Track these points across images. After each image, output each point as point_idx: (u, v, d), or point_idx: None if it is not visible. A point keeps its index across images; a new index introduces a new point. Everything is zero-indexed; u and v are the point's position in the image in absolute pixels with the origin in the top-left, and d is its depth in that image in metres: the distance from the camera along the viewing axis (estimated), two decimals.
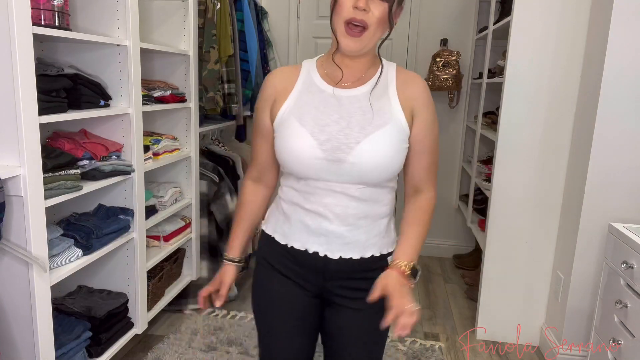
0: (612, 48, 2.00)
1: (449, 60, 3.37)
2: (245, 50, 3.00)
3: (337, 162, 1.07)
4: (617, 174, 2.09)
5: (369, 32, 1.04)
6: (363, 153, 1.06)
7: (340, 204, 1.11)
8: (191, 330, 2.50)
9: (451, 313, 2.87)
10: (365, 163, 1.06)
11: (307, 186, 1.12)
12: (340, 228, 1.13)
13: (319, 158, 1.07)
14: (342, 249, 1.14)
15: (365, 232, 1.14)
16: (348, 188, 1.10)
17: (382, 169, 1.08)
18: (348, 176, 1.08)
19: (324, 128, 1.08)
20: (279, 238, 1.20)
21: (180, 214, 2.60)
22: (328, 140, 1.07)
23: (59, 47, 1.95)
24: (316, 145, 1.07)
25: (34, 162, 1.47)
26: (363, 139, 1.06)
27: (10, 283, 1.51)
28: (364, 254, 1.15)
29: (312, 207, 1.13)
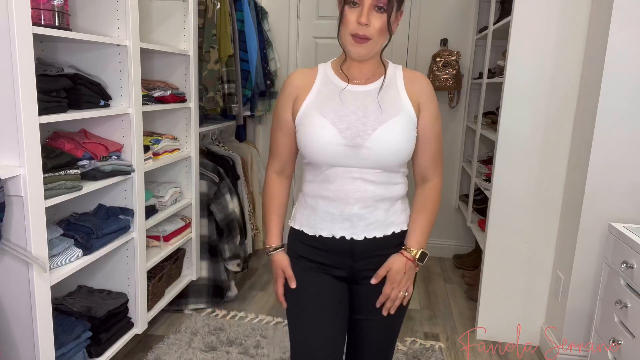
0: (612, 48, 2.00)
1: (449, 60, 3.37)
2: (245, 50, 3.00)
3: (356, 148, 1.20)
4: (617, 174, 2.09)
5: (373, 41, 1.19)
6: (379, 138, 1.20)
7: (359, 188, 1.24)
8: (191, 330, 2.50)
9: (451, 313, 2.87)
10: (381, 147, 1.20)
11: (328, 176, 1.25)
12: (361, 211, 1.25)
13: (340, 144, 1.20)
14: (366, 230, 1.27)
15: (383, 212, 1.27)
16: (365, 173, 1.23)
17: (395, 153, 1.21)
18: (365, 161, 1.21)
19: (343, 118, 1.22)
20: (307, 230, 1.31)
21: (180, 214, 2.60)
22: (348, 128, 1.21)
23: (59, 47, 1.95)
24: (337, 133, 1.20)
25: (34, 162, 1.47)
26: (379, 126, 1.20)
27: (10, 283, 1.51)
28: (385, 231, 1.28)
29: (333, 195, 1.25)
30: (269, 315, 2.73)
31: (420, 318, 2.80)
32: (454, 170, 3.67)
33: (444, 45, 3.46)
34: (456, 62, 3.37)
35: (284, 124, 1.30)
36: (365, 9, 1.16)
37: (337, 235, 1.28)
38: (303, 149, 1.26)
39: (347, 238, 1.27)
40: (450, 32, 3.47)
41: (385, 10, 1.17)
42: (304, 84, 1.29)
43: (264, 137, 3.85)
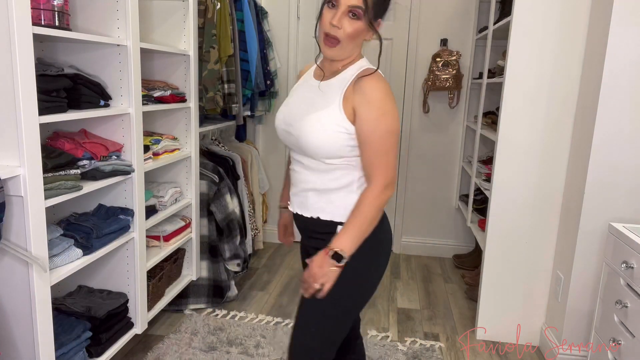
0: (612, 48, 2.00)
1: (449, 60, 3.37)
2: (245, 50, 3.00)
3: (288, 133, 1.36)
4: (617, 174, 2.09)
5: (342, 45, 1.27)
6: (301, 127, 1.31)
7: (297, 170, 1.40)
8: (191, 330, 2.50)
9: (451, 313, 2.87)
10: (302, 136, 1.31)
11: (291, 155, 1.44)
12: (296, 189, 1.42)
13: (281, 129, 1.39)
14: (299, 207, 1.42)
15: (315, 195, 1.37)
16: (302, 158, 1.37)
17: (313, 144, 1.30)
18: (296, 146, 1.36)
19: (289, 106, 1.40)
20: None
21: (180, 214, 2.60)
22: (288, 114, 1.38)
23: (59, 47, 1.95)
24: (282, 119, 1.40)
25: (34, 162, 1.47)
26: (305, 116, 1.32)
27: (10, 283, 1.51)
28: (311, 214, 1.39)
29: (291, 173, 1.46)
30: (269, 315, 2.73)
31: (420, 318, 2.80)
32: (454, 170, 3.67)
33: (444, 45, 3.46)
34: (456, 62, 3.37)
35: None
36: (339, 12, 1.23)
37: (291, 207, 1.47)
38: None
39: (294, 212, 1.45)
40: (450, 32, 3.47)
41: (358, 18, 1.24)
42: (302, 74, 1.51)
43: (264, 137, 3.85)
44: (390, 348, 2.43)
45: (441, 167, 3.66)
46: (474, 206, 3.20)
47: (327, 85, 1.35)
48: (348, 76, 1.32)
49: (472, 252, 3.54)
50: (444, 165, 3.66)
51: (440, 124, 3.61)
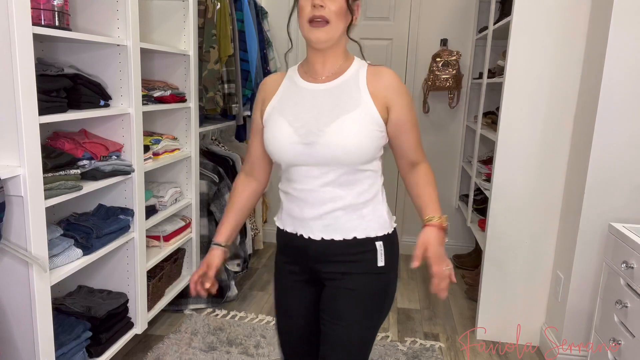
0: (612, 48, 2.00)
1: (449, 60, 3.37)
2: (245, 50, 3.00)
3: (311, 145, 1.18)
4: (617, 174, 2.09)
5: (332, 24, 1.17)
6: (332, 135, 1.16)
7: (319, 188, 1.22)
8: (191, 330, 2.50)
9: (451, 313, 2.87)
10: (335, 144, 1.16)
11: (291, 174, 1.25)
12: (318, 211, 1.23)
13: (295, 142, 1.19)
14: (324, 231, 1.24)
15: (344, 214, 1.23)
16: (325, 172, 1.21)
17: (351, 150, 1.17)
18: (322, 159, 1.19)
19: (299, 116, 1.21)
20: (279, 224, 1.34)
21: (180, 214, 2.60)
22: (302, 126, 1.19)
23: (59, 47, 1.95)
24: (292, 132, 1.20)
25: (34, 162, 1.47)
26: (332, 122, 1.17)
27: (10, 283, 1.51)
28: (346, 235, 1.24)
29: (296, 193, 1.25)
30: (269, 315, 2.73)
31: (420, 318, 2.80)
32: (454, 170, 3.67)
33: (444, 45, 3.46)
34: (456, 62, 3.37)
35: (255, 126, 1.34)
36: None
37: (298, 233, 1.28)
38: (267, 149, 1.27)
39: (304, 237, 1.26)
40: (450, 32, 3.47)
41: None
42: (272, 87, 1.31)
43: None
44: (390, 348, 2.43)
45: (441, 167, 3.66)
46: (474, 206, 3.19)
47: (340, 85, 1.23)
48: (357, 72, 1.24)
49: (472, 252, 3.54)
50: (444, 165, 3.65)
51: (440, 124, 3.61)
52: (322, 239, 1.24)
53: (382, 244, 1.26)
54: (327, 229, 1.23)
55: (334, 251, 1.25)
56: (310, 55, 1.25)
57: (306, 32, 1.18)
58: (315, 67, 1.25)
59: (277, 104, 1.27)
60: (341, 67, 1.25)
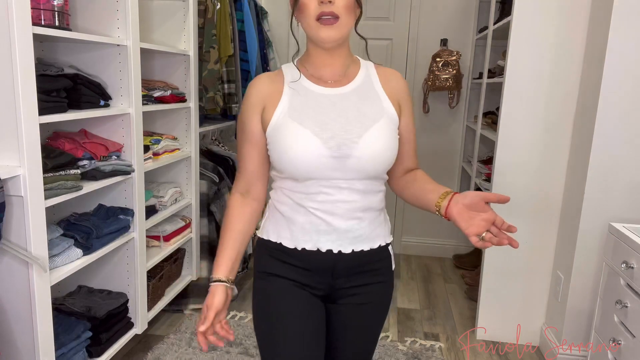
0: (612, 48, 2.00)
1: (449, 60, 3.37)
2: (245, 50, 3.00)
3: (343, 158, 1.09)
4: (617, 174, 2.09)
5: (342, 20, 1.07)
6: (366, 146, 1.09)
7: (347, 199, 1.13)
8: (191, 330, 2.50)
9: (451, 313, 2.87)
10: (369, 156, 1.09)
11: (312, 186, 1.12)
12: (349, 222, 1.14)
13: (325, 156, 1.08)
14: (354, 242, 1.16)
15: (369, 223, 1.17)
16: (353, 183, 1.12)
17: (383, 160, 1.12)
18: (353, 171, 1.10)
19: (325, 126, 1.09)
20: (287, 243, 1.17)
21: (180, 214, 2.59)
22: (332, 137, 1.08)
23: (59, 47, 1.95)
24: (321, 144, 1.08)
25: (34, 162, 1.47)
26: (364, 133, 1.10)
27: (10, 283, 1.51)
28: (372, 244, 1.18)
29: (320, 206, 1.13)
30: None
31: (420, 318, 2.80)
32: (454, 170, 3.67)
33: (444, 45, 3.46)
34: (456, 62, 3.37)
35: (252, 137, 1.15)
36: None
37: (323, 249, 1.14)
38: (280, 163, 1.11)
39: (334, 251, 1.14)
40: (450, 32, 3.47)
41: None
42: (270, 90, 1.15)
43: None
44: (390, 348, 2.43)
45: (441, 167, 3.66)
46: None
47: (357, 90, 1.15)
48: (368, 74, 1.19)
49: (472, 252, 3.54)
50: (444, 165, 3.65)
51: (440, 124, 3.61)
52: (353, 252, 1.16)
53: (391, 247, 1.25)
54: (357, 240, 1.16)
55: (361, 262, 1.18)
56: (316, 56, 1.15)
57: (314, 30, 1.08)
58: (323, 71, 1.15)
59: (288, 110, 1.12)
60: (350, 70, 1.18)
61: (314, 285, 1.18)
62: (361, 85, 1.16)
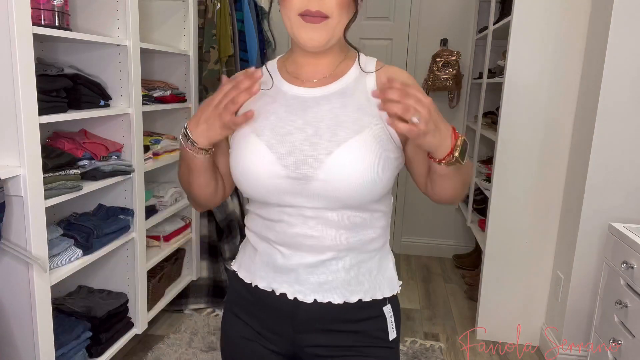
0: (612, 48, 1.99)
1: (449, 60, 3.37)
2: (245, 50, 3.00)
3: (303, 181, 0.84)
4: (617, 174, 2.09)
5: (332, 20, 0.84)
6: (336, 167, 0.82)
7: (313, 233, 0.88)
8: (191, 330, 2.50)
9: (451, 313, 2.87)
10: (341, 180, 0.83)
11: (273, 212, 0.90)
12: (314, 263, 0.89)
13: (280, 177, 0.84)
14: (318, 290, 0.90)
15: (347, 268, 0.90)
16: (324, 212, 0.87)
17: (363, 186, 0.83)
18: (320, 199, 0.85)
19: (285, 138, 0.86)
20: (243, 275, 0.97)
21: (180, 214, 2.59)
22: (290, 152, 0.85)
23: (59, 47, 1.95)
24: (275, 161, 0.84)
25: (34, 162, 1.47)
26: (336, 149, 0.83)
27: (10, 283, 1.51)
28: (348, 297, 0.91)
29: (278, 238, 0.90)
30: None
31: (420, 318, 2.80)
32: None
33: (444, 45, 3.46)
34: (456, 62, 3.37)
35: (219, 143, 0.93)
36: None
37: (278, 291, 0.92)
38: (234, 179, 0.91)
39: (289, 297, 0.91)
40: (450, 32, 3.47)
41: None
42: None
43: None
44: None
45: None
46: (474, 206, 3.19)
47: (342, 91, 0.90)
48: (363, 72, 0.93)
49: (472, 252, 3.54)
50: None
51: None
52: (315, 302, 0.90)
53: (390, 308, 0.95)
54: (323, 287, 0.90)
55: (330, 318, 0.92)
56: (298, 53, 0.93)
57: (295, 29, 0.86)
58: (305, 69, 0.93)
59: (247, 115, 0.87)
60: (341, 67, 0.93)
61: (269, 337, 0.95)
62: (348, 86, 0.91)
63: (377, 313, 0.94)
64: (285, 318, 0.93)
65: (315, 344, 0.93)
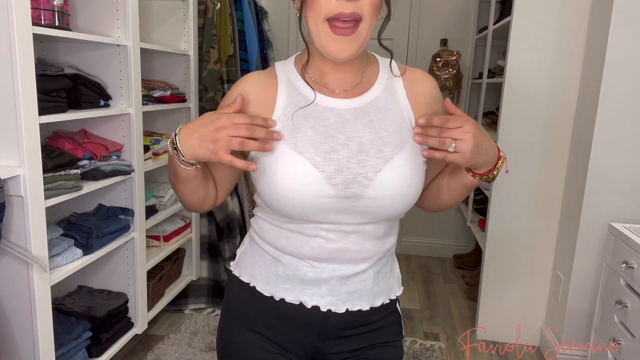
0: (612, 48, 1.99)
1: (449, 60, 3.37)
2: (245, 50, 3.00)
3: (353, 199, 0.82)
4: (617, 174, 2.09)
5: (364, 25, 0.80)
6: (385, 185, 0.82)
7: (352, 248, 0.87)
8: (191, 330, 2.50)
9: (451, 313, 2.87)
10: (389, 196, 0.82)
11: (308, 228, 0.86)
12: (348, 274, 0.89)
13: (329, 197, 0.81)
14: (349, 300, 0.90)
15: (374, 275, 0.91)
16: (363, 227, 0.87)
17: (406, 200, 0.85)
18: (365, 215, 0.84)
19: (330, 155, 0.82)
20: (261, 288, 0.92)
21: (180, 214, 2.60)
22: (338, 171, 0.81)
23: (59, 47, 1.95)
24: (323, 180, 0.80)
25: (34, 162, 1.47)
26: (384, 166, 0.82)
27: (10, 283, 1.51)
28: (373, 302, 0.93)
29: (313, 254, 0.87)
30: None
31: (420, 318, 2.80)
32: None
33: (444, 45, 3.46)
34: (456, 62, 3.37)
35: None
36: None
37: (309, 304, 0.89)
38: (267, 199, 0.85)
39: (322, 309, 0.89)
40: (450, 32, 3.47)
41: None
42: (261, 96, 0.86)
43: None
44: None
45: None
46: (474, 206, 3.19)
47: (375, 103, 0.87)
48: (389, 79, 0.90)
49: (472, 252, 3.54)
50: None
51: None
52: (348, 311, 0.90)
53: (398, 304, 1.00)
54: (353, 296, 0.90)
55: (356, 324, 0.93)
56: (321, 61, 0.87)
57: (322, 38, 0.79)
58: (329, 78, 0.88)
59: (281, 130, 0.84)
60: (367, 75, 0.89)
61: (288, 346, 0.93)
62: (380, 96, 0.87)
63: (391, 310, 0.97)
64: (313, 328, 0.92)
65: (338, 351, 0.94)
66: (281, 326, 0.92)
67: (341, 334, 0.93)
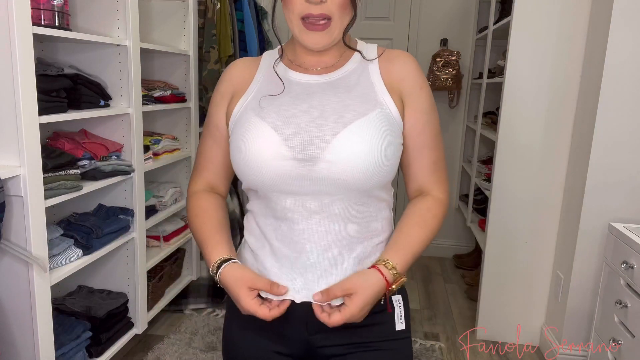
0: (612, 48, 1.99)
1: (449, 60, 3.37)
2: (245, 50, 3.00)
3: (310, 162, 0.83)
4: (617, 174, 2.09)
5: (334, 22, 0.85)
6: (343, 146, 0.82)
7: (318, 228, 0.87)
8: (191, 330, 2.50)
9: (451, 313, 2.87)
10: (348, 161, 0.82)
11: (275, 209, 0.89)
12: (321, 262, 0.88)
13: (285, 158, 0.83)
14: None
15: (356, 263, 0.89)
16: (327, 204, 0.86)
17: (369, 168, 0.83)
18: (324, 182, 0.84)
19: (290, 119, 0.86)
20: None
21: (180, 214, 2.59)
22: (296, 133, 0.84)
23: (59, 47, 1.95)
24: (281, 141, 0.84)
25: (34, 162, 1.47)
26: (342, 129, 0.83)
27: (10, 283, 1.51)
28: None
29: (282, 239, 0.89)
30: None
31: (420, 318, 2.80)
32: (454, 170, 3.66)
33: (444, 45, 3.46)
34: (456, 62, 3.37)
35: (215, 130, 0.96)
36: None
37: (287, 296, 0.89)
38: (235, 167, 0.89)
39: (297, 302, 0.88)
40: (450, 32, 3.47)
41: None
42: (243, 77, 0.95)
43: None
44: None
45: None
46: (474, 206, 3.19)
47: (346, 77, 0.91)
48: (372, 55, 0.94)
49: (472, 252, 3.54)
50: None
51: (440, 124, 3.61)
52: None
53: (400, 298, 0.94)
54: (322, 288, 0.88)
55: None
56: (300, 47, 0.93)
57: (298, 33, 0.87)
58: (307, 59, 0.94)
59: (251, 101, 0.91)
60: (344, 56, 0.94)
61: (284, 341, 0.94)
62: (352, 72, 0.92)
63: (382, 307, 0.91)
64: (300, 321, 0.91)
65: (330, 344, 0.92)
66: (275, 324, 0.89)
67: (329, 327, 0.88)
